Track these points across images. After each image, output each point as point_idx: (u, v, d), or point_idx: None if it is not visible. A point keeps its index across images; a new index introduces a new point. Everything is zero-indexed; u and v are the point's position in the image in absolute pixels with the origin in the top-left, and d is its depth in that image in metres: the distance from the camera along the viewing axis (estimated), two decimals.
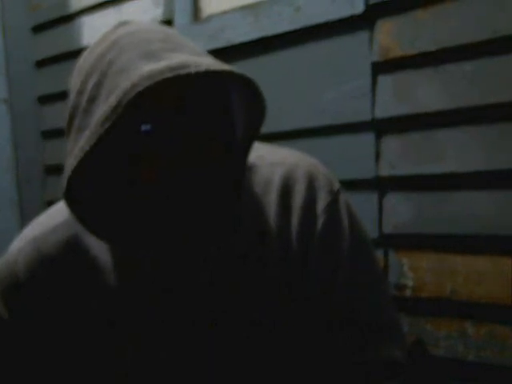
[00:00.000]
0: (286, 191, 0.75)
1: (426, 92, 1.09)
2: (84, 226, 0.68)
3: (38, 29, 1.91)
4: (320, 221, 0.74)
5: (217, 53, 1.38)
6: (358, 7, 1.15)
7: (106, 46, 0.65)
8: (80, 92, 0.65)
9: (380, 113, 1.15)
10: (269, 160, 0.78)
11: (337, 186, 0.77)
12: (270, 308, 0.73)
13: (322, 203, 0.74)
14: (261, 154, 0.79)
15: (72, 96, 0.66)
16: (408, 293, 1.13)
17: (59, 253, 0.74)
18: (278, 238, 0.74)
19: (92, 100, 0.62)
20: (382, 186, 1.17)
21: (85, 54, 0.69)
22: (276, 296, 0.73)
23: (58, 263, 0.74)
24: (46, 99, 1.91)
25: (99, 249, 0.74)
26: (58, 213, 0.77)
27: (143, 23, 0.70)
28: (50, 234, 0.75)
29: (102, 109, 0.60)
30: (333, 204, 0.75)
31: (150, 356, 0.74)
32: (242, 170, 0.71)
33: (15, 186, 1.90)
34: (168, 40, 0.65)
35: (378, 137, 1.16)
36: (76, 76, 0.68)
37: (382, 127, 1.16)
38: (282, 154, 0.79)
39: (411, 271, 1.13)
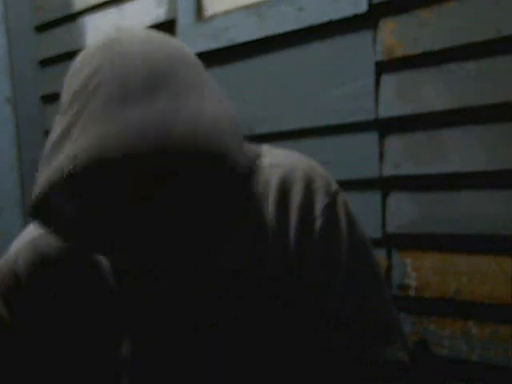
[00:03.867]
0: (283, 193, 0.74)
1: (430, 91, 1.09)
2: (65, 241, 0.70)
3: (42, 28, 1.91)
4: (318, 222, 0.73)
5: (220, 52, 1.39)
6: (361, 7, 1.15)
7: (90, 72, 0.64)
8: (64, 112, 0.65)
9: (384, 112, 1.15)
10: (266, 162, 0.77)
11: (334, 187, 0.77)
12: (269, 309, 0.73)
13: (319, 205, 0.74)
14: (257, 156, 0.79)
15: (60, 108, 0.67)
16: (411, 293, 1.13)
17: (58, 253, 0.75)
18: (277, 239, 0.74)
19: (63, 137, 0.63)
20: (385, 185, 1.16)
21: (73, 70, 0.68)
22: (275, 298, 0.73)
23: (57, 264, 0.75)
24: (49, 99, 1.91)
25: None
26: None
27: (136, 36, 0.67)
28: (49, 235, 0.75)
29: (59, 158, 0.61)
30: (330, 205, 0.75)
31: (149, 359, 0.74)
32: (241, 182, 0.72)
33: (19, 185, 1.90)
34: (151, 74, 0.62)
35: (382, 136, 1.16)
36: (65, 90, 0.67)
37: (385, 127, 1.16)
38: (280, 156, 0.79)
39: (415, 271, 1.13)
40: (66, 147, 0.61)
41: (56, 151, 0.62)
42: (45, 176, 0.61)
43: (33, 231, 0.78)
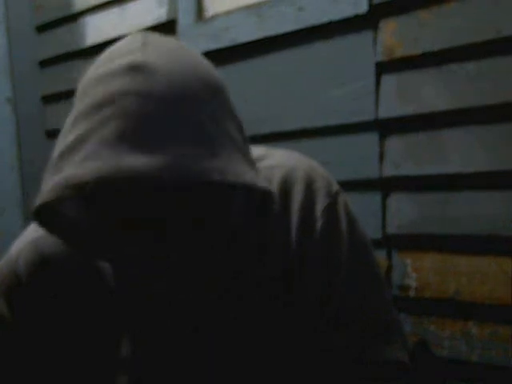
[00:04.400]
0: (284, 194, 0.74)
1: (430, 92, 1.09)
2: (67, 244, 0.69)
3: (42, 28, 1.91)
4: (318, 223, 0.73)
5: (220, 52, 1.39)
6: (362, 7, 1.15)
7: (108, 94, 0.58)
8: (72, 126, 0.60)
9: (384, 113, 1.15)
10: (266, 163, 0.77)
11: (335, 187, 0.77)
12: (269, 310, 0.73)
13: (320, 206, 0.74)
14: (258, 157, 0.78)
15: (69, 118, 0.62)
16: (411, 293, 1.13)
17: (59, 253, 0.75)
18: (277, 239, 0.74)
19: (63, 155, 0.59)
20: (385, 186, 1.16)
21: (94, 74, 0.62)
22: (275, 298, 0.73)
23: (58, 264, 0.75)
24: (49, 99, 1.91)
25: None
26: None
27: (164, 65, 0.60)
28: (50, 236, 0.75)
29: (55, 179, 0.57)
30: (331, 206, 0.75)
31: (148, 359, 0.74)
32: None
33: (19, 185, 1.91)
34: (168, 114, 0.57)
35: (382, 137, 1.16)
36: (77, 97, 0.63)
37: (385, 127, 1.16)
38: (280, 157, 0.79)
39: (415, 271, 1.13)
40: (68, 167, 0.57)
41: (63, 162, 0.59)
42: (51, 185, 0.58)
43: (34, 231, 0.78)
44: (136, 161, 0.54)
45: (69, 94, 1.83)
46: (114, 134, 0.55)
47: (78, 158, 0.56)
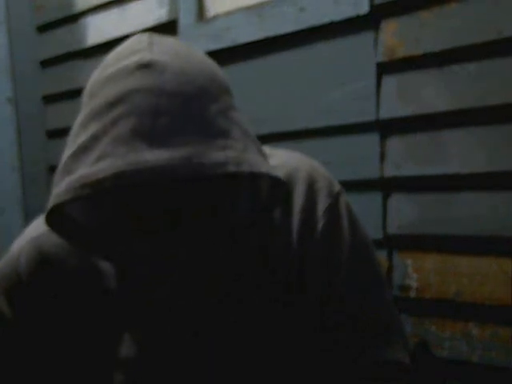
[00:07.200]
0: (286, 195, 0.74)
1: (431, 93, 1.09)
2: (72, 243, 0.69)
3: (43, 29, 1.91)
4: (320, 224, 0.73)
5: (221, 53, 1.39)
6: (363, 8, 1.15)
7: (119, 93, 0.58)
8: (83, 126, 0.60)
9: (385, 113, 1.15)
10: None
11: (337, 188, 0.77)
12: (269, 311, 0.73)
13: (321, 206, 0.74)
14: None
15: (78, 119, 0.62)
16: (412, 294, 1.13)
17: (60, 252, 0.75)
18: (278, 240, 0.73)
19: (76, 156, 0.58)
20: (386, 186, 1.16)
21: (104, 74, 0.62)
22: (275, 300, 0.73)
23: (59, 262, 0.75)
24: (50, 99, 1.91)
25: None
26: None
27: (172, 64, 0.60)
28: (51, 234, 0.75)
29: (69, 180, 0.58)
30: (333, 207, 0.75)
31: (148, 364, 0.73)
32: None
33: (20, 185, 1.91)
34: (180, 109, 0.58)
35: (383, 137, 1.16)
36: (85, 99, 0.63)
37: (386, 127, 1.16)
38: (282, 157, 0.78)
39: (415, 272, 1.13)
40: (82, 167, 0.57)
41: (76, 162, 0.59)
42: (65, 185, 0.58)
43: (35, 229, 0.78)
44: (152, 156, 0.54)
45: (70, 94, 1.84)
46: (127, 132, 0.56)
47: (93, 157, 0.56)
